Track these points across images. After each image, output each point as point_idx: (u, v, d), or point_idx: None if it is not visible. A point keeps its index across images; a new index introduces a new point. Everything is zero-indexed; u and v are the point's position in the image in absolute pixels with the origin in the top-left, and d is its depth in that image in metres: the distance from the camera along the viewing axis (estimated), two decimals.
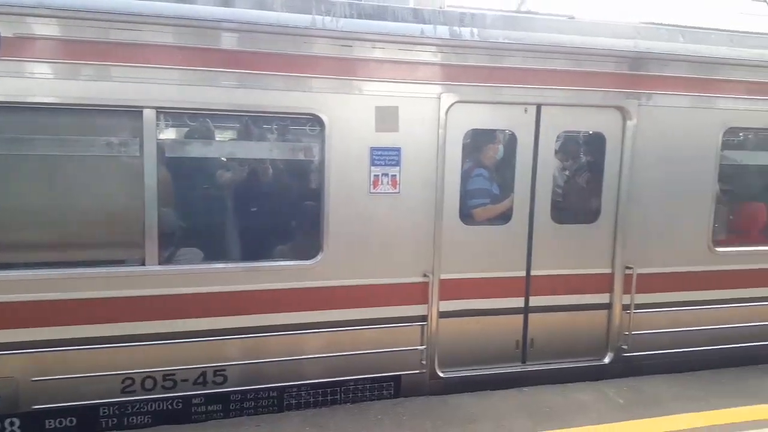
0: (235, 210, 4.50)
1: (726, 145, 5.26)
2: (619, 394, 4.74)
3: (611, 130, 5.00)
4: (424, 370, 4.70)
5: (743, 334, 5.46)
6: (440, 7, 4.68)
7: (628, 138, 4.97)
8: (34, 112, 3.80)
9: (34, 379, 3.89)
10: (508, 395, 4.73)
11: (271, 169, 4.51)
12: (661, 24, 5.26)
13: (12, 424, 3.93)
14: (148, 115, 3.91)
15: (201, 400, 4.30)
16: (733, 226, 5.63)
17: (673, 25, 5.28)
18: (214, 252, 4.33)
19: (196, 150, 4.31)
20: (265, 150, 4.52)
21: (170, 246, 4.20)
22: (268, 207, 4.52)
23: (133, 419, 4.17)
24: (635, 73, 4.92)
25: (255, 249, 4.44)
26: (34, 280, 3.85)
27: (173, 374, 4.17)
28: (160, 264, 4.07)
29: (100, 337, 3.98)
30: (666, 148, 5.09)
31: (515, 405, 4.56)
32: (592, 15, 5.89)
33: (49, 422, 3.99)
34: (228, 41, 4.07)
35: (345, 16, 4.23)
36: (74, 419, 4.05)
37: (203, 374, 4.24)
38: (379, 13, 4.36)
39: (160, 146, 4.04)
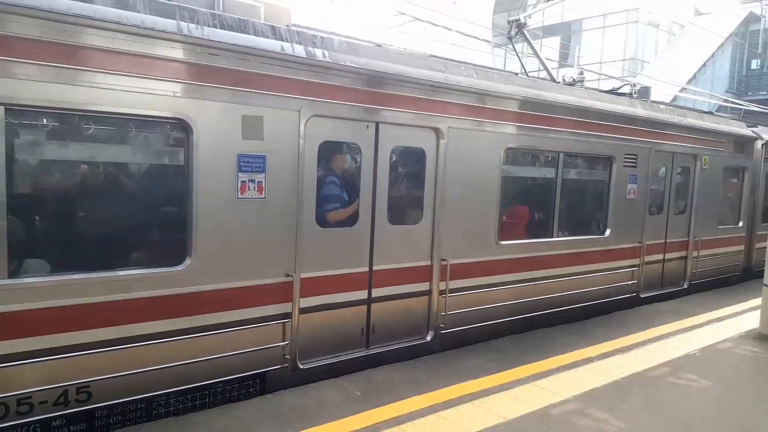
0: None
1: (505, 161, 6.59)
2: (356, 387, 5.02)
3: (429, 146, 5.90)
4: (287, 365, 4.98)
5: (525, 306, 7.01)
6: (288, 26, 5.05)
7: (441, 153, 5.93)
8: None
9: None
10: (251, 404, 4.65)
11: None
12: (463, 62, 6.59)
13: None
14: None
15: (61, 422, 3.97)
16: (508, 225, 7.03)
17: (470, 64, 6.61)
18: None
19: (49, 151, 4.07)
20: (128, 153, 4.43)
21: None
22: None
23: None
24: (445, 100, 5.89)
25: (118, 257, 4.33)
26: None
27: (29, 397, 3.81)
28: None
29: None
30: (466, 162, 6.16)
31: (259, 413, 4.48)
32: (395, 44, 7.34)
33: None
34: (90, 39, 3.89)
35: (209, 26, 4.35)
36: None
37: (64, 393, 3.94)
38: (241, 26, 4.55)
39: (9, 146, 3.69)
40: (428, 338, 6.05)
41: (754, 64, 32.91)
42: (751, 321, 7.46)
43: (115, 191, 4.37)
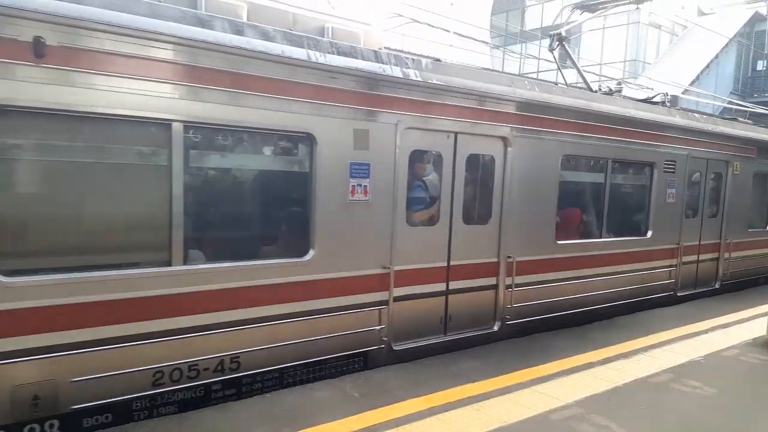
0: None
1: (562, 167, 7.15)
2: (354, 388, 4.96)
3: (498, 153, 6.50)
4: (383, 346, 5.68)
5: (585, 301, 7.68)
6: (381, 49, 5.73)
7: (508, 160, 6.49)
8: None
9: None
10: (251, 404, 4.58)
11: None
12: (524, 76, 7.30)
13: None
14: (177, 128, 4.38)
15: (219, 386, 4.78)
16: (563, 226, 7.51)
17: (532, 78, 7.39)
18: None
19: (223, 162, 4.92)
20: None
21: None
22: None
23: (161, 409, 4.51)
24: (512, 112, 6.49)
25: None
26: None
27: (197, 365, 4.58)
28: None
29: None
30: (529, 168, 6.73)
31: (255, 413, 4.41)
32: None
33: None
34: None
35: (329, 53, 5.08)
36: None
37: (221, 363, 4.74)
38: (351, 52, 5.28)
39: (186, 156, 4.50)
40: (495, 328, 6.68)
41: (760, 65, 32.79)
42: (758, 328, 7.35)
43: (259, 194, 5.24)
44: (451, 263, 6.18)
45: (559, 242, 7.21)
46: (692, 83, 27.80)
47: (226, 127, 4.66)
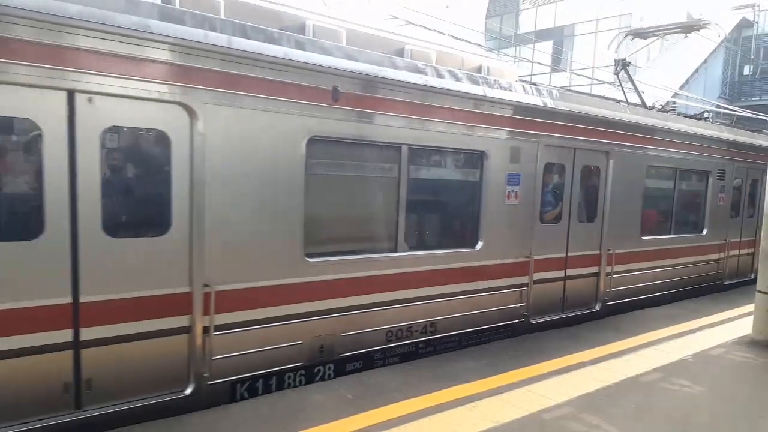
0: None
1: (647, 175, 8.82)
2: (349, 390, 5.00)
3: (603, 165, 8.00)
4: (523, 319, 7.17)
5: (660, 287, 9.38)
6: (518, 80, 7.19)
7: (609, 170, 8.05)
8: None
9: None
10: (249, 406, 4.62)
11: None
12: (618, 100, 9.29)
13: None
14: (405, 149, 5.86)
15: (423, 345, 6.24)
16: (644, 224, 9.09)
17: (624, 102, 9.50)
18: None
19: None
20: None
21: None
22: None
23: (392, 360, 5.95)
24: (612, 131, 8.01)
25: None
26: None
27: (411, 327, 6.07)
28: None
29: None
30: (624, 177, 8.26)
31: (253, 415, 4.46)
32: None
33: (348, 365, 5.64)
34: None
35: (496, 88, 6.54)
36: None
37: (427, 326, 6.25)
38: (509, 87, 6.70)
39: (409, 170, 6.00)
40: (597, 308, 8.15)
41: (747, 69, 33.13)
42: (744, 327, 7.48)
43: (448, 198, 6.77)
44: (569, 254, 7.64)
45: (643, 238, 8.76)
46: (682, 87, 28.05)
47: (433, 148, 6.13)
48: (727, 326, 7.74)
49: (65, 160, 3.89)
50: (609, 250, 8.08)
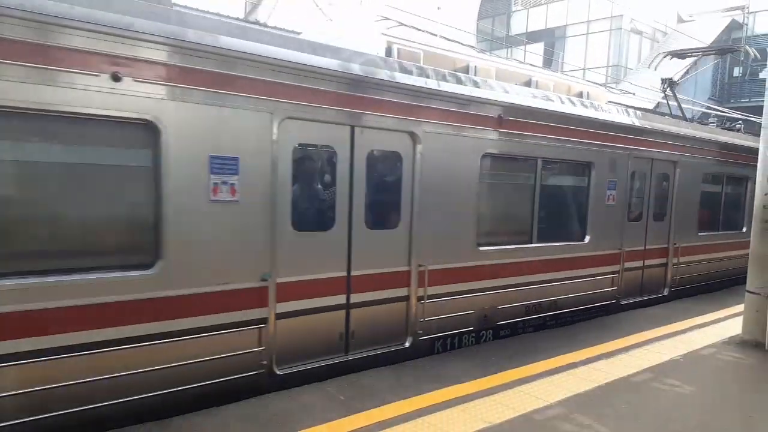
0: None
1: (703, 181, 10.49)
2: (340, 391, 4.99)
3: (671, 173, 9.72)
4: (615, 301, 8.80)
5: (710, 275, 11.04)
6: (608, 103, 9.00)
7: (677, 177, 9.78)
8: None
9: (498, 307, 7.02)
10: (237, 408, 4.59)
11: None
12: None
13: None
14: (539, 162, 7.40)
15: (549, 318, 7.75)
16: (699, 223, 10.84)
17: (677, 117, 11.08)
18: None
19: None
20: None
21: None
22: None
23: (528, 329, 7.44)
24: (681, 144, 9.78)
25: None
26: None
27: (540, 304, 7.56)
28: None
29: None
30: (684, 182, 9.90)
31: (242, 417, 4.43)
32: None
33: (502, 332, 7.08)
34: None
35: (600, 111, 8.19)
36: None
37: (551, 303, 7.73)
38: (608, 109, 8.40)
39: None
40: (665, 293, 9.79)
41: (737, 71, 33.39)
42: (733, 327, 7.53)
43: (564, 200, 8.10)
44: (647, 247, 9.27)
45: (699, 233, 10.35)
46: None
47: (557, 160, 7.59)
48: (717, 326, 7.79)
49: (347, 173, 5.46)
50: (675, 243, 9.71)
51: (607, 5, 31.29)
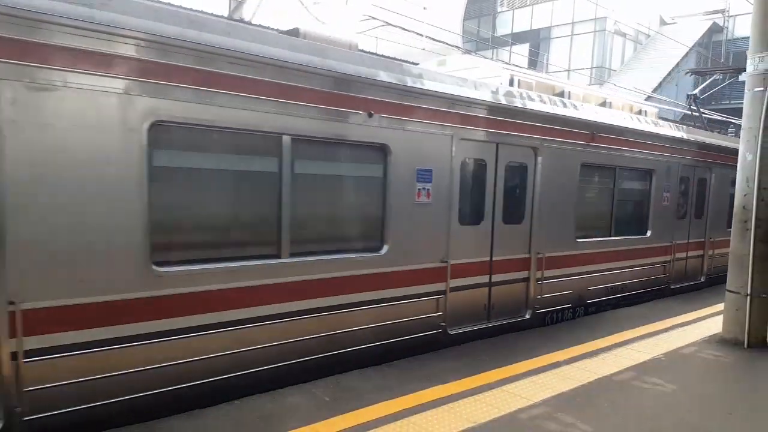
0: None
1: (731, 185, 11.07)
2: (325, 393, 4.98)
3: (708, 176, 11.41)
4: (666, 285, 10.61)
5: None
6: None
7: (712, 181, 11.49)
8: None
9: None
10: (221, 411, 4.56)
11: None
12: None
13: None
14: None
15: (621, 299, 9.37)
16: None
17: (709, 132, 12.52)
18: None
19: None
20: None
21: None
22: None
23: (607, 308, 9.05)
24: (713, 153, 11.42)
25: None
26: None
27: (615, 287, 9.16)
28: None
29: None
30: (719, 186, 11.66)
31: (226, 420, 4.39)
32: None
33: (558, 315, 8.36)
34: None
35: (654, 124, 9.91)
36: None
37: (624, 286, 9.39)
38: (657, 122, 10.21)
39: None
40: (702, 279, 11.53)
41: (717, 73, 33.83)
42: (714, 326, 7.64)
43: (633, 201, 9.60)
44: (690, 240, 10.86)
45: (727, 230, 11.13)
46: (654, 90, 28.55)
47: (626, 168, 9.05)
48: (697, 325, 7.90)
49: (493, 180, 7.06)
50: (711, 237, 11.52)
51: (591, 7, 31.58)
